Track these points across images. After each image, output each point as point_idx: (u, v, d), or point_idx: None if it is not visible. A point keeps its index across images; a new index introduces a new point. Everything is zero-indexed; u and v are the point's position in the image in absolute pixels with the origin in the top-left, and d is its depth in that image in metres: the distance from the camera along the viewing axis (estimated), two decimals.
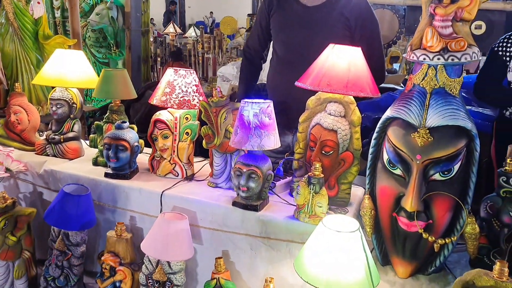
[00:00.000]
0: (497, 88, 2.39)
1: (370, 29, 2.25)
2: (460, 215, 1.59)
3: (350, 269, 1.33)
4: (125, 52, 5.49)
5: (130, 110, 4.86)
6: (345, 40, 2.12)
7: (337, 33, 2.19)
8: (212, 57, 7.81)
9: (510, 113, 2.40)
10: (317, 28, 2.21)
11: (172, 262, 1.61)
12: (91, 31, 5.26)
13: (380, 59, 2.31)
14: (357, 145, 1.80)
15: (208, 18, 14.45)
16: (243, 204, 1.74)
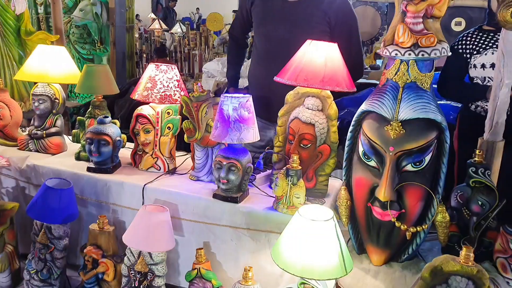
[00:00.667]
0: (460, 84, 2.47)
1: (349, 25, 2.30)
2: (431, 204, 1.65)
3: (324, 256, 1.38)
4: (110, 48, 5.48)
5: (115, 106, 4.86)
6: (324, 36, 2.17)
7: (316, 28, 2.23)
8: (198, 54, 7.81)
9: (476, 106, 2.47)
10: (297, 23, 2.25)
11: (154, 253, 1.65)
12: (75, 27, 5.24)
13: (358, 54, 2.37)
14: (334, 138, 1.86)
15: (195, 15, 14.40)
16: (224, 196, 1.78)
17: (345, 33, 2.27)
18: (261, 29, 2.40)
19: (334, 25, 2.26)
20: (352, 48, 2.30)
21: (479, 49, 2.43)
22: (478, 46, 2.42)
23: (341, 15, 2.26)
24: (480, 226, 1.70)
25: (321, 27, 2.25)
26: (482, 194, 1.68)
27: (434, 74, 1.67)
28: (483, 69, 2.41)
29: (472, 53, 2.42)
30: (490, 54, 2.40)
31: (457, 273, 1.37)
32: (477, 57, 2.42)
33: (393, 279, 1.67)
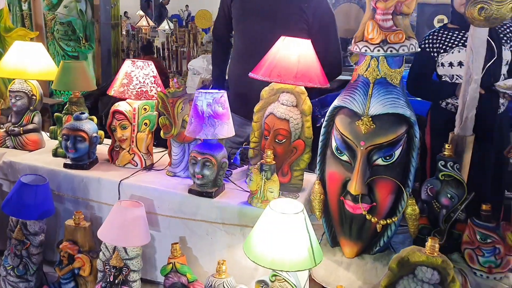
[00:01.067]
0: (429, 83, 2.50)
1: (327, 23, 2.32)
2: (401, 198, 1.69)
3: (294, 248, 1.41)
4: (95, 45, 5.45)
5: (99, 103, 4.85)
6: (303, 33, 2.19)
7: (295, 25, 2.25)
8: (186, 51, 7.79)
9: (446, 103, 2.48)
10: (275, 20, 2.27)
11: (129, 248, 1.66)
12: (59, 24, 5.20)
13: (336, 52, 2.39)
14: (308, 133, 1.88)
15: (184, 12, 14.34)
16: (199, 191, 1.80)
17: (323, 30, 2.30)
18: (240, 26, 2.42)
19: (312, 23, 2.28)
20: (330, 45, 2.33)
21: (445, 47, 2.44)
22: (444, 44, 2.44)
23: (318, 12, 2.28)
24: (449, 219, 1.74)
25: (299, 24, 2.27)
26: (451, 187, 1.73)
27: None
28: (451, 67, 2.43)
29: (439, 52, 2.44)
30: (457, 52, 2.41)
31: (423, 264, 1.41)
32: (444, 55, 2.44)
33: (364, 270, 1.71)
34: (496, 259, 1.62)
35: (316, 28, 2.28)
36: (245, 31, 2.38)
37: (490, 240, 1.62)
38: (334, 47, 2.37)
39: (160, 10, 13.06)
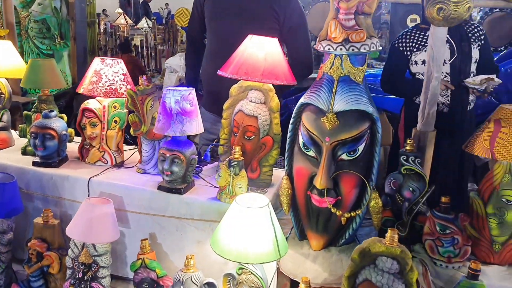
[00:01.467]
0: (403, 80, 2.60)
1: (297, 23, 2.37)
2: (365, 191, 1.74)
3: (259, 241, 1.45)
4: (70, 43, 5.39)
5: (74, 102, 4.80)
6: (274, 32, 2.23)
7: (266, 25, 2.29)
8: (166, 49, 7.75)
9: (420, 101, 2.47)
10: (247, 20, 2.30)
11: (97, 245, 1.67)
12: (34, 21, 5.13)
13: (307, 51, 2.44)
14: (276, 130, 1.92)
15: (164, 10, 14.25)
16: (168, 188, 1.82)
17: (294, 30, 2.34)
18: (212, 25, 2.44)
19: (283, 22, 2.33)
20: (301, 45, 2.38)
21: (418, 46, 2.55)
22: (417, 43, 2.55)
23: (289, 13, 2.32)
24: (411, 211, 1.80)
25: (270, 24, 2.31)
26: (412, 180, 1.79)
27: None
28: (424, 65, 2.51)
29: (412, 51, 2.54)
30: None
31: (383, 254, 1.46)
32: (417, 54, 2.54)
33: (330, 263, 1.75)
34: (455, 249, 1.68)
35: (287, 28, 2.33)
36: (217, 30, 2.40)
37: (449, 231, 1.68)
38: (305, 46, 2.42)
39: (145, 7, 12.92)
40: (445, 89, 2.54)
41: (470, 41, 2.55)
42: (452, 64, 2.53)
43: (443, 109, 2.58)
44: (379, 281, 1.44)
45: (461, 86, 2.50)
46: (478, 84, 2.46)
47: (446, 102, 2.57)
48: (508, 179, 1.64)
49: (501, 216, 1.65)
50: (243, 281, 1.52)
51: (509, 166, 1.64)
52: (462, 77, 2.51)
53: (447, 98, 2.56)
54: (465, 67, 2.53)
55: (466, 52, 2.54)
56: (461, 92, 2.52)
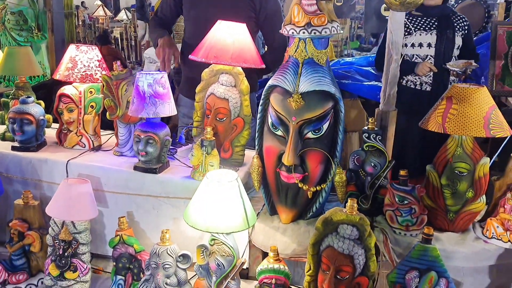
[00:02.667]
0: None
1: (272, 10, 2.47)
2: (330, 167, 1.86)
3: (229, 212, 1.55)
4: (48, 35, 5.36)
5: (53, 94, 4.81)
6: (251, 21, 2.32)
7: (242, 13, 2.37)
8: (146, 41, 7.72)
9: (406, 81, 2.91)
10: (224, 8, 2.38)
11: (77, 222, 1.75)
12: (10, 13, 5.07)
13: (282, 39, 2.55)
14: (246, 112, 2.02)
15: None
16: (144, 168, 1.91)
17: (269, 18, 2.44)
18: (191, 13, 2.52)
19: (259, 11, 2.42)
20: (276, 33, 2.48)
21: (409, 30, 2.86)
22: (408, 28, 2.84)
23: (264, 1, 2.42)
24: (374, 185, 1.93)
25: (247, 12, 2.40)
26: (374, 156, 1.91)
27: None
28: (412, 47, 2.84)
29: (404, 34, 2.75)
30: (419, 35, 2.85)
31: (344, 222, 1.57)
32: (408, 37, 2.83)
33: (299, 234, 1.87)
34: (412, 218, 1.81)
35: (263, 16, 2.43)
36: (195, 19, 2.49)
37: (407, 201, 1.81)
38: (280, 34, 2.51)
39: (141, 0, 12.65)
40: (429, 71, 2.86)
41: (454, 30, 2.93)
42: (436, 49, 2.87)
43: (426, 88, 2.94)
44: (341, 247, 1.56)
45: (443, 68, 2.86)
46: (458, 67, 2.79)
47: (428, 82, 2.93)
48: (460, 152, 1.77)
49: (454, 186, 1.79)
50: (215, 251, 1.62)
51: (460, 140, 1.77)
52: (445, 60, 2.86)
53: (429, 78, 2.90)
54: (448, 52, 2.91)
55: (450, 38, 2.91)
56: (442, 73, 2.89)
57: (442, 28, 2.91)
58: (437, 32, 2.90)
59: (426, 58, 2.93)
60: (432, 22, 2.93)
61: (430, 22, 2.93)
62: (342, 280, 1.56)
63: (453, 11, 3.15)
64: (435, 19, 2.93)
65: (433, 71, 2.88)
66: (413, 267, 1.59)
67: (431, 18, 2.94)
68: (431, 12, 2.94)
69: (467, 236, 1.84)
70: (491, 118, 1.68)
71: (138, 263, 1.81)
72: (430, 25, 2.93)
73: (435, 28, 2.91)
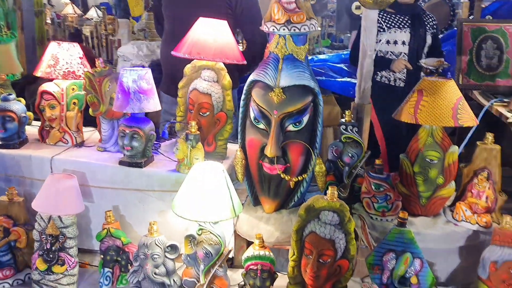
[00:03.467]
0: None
1: (249, 6, 2.53)
2: (310, 158, 1.94)
3: (216, 202, 1.61)
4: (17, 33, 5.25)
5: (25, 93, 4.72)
6: (228, 18, 2.37)
7: (219, 10, 2.43)
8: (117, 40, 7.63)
9: (381, 76, 3.03)
10: (200, 6, 2.43)
11: (64, 217, 1.77)
12: None
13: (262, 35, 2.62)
14: (229, 106, 2.08)
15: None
16: (129, 162, 1.94)
17: (247, 15, 2.50)
18: (168, 11, 2.56)
19: (235, 8, 2.48)
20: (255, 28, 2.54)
21: (384, 27, 2.97)
22: (383, 24, 2.95)
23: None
24: (351, 174, 2.03)
25: (224, 9, 2.45)
26: (351, 147, 2.01)
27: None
28: (387, 44, 2.96)
29: (378, 30, 2.86)
30: (393, 32, 2.97)
31: (325, 208, 1.65)
32: (383, 34, 2.95)
33: (281, 223, 1.95)
34: (388, 204, 1.93)
35: (239, 13, 2.49)
36: (173, 17, 2.53)
37: (383, 188, 1.92)
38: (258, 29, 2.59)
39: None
40: (404, 68, 2.98)
41: (426, 29, 3.06)
42: (410, 46, 2.99)
43: (400, 84, 3.08)
44: (323, 232, 1.64)
45: (416, 66, 3.00)
46: (433, 65, 2.93)
47: (402, 78, 3.06)
48: (431, 141, 1.89)
49: (425, 174, 1.91)
50: (203, 240, 1.68)
51: (431, 130, 1.89)
52: (418, 58, 3.00)
53: (403, 74, 3.03)
54: (420, 49, 3.04)
55: (422, 37, 3.04)
56: (415, 70, 3.02)
57: (415, 26, 3.01)
58: (410, 30, 2.99)
59: (400, 55, 3.04)
60: (406, 20, 3.02)
61: (404, 20, 3.03)
62: (325, 263, 1.64)
63: (423, 9, 3.28)
64: (408, 17, 3.03)
65: (408, 68, 2.99)
66: (389, 249, 1.69)
67: (404, 15, 3.03)
68: (404, 9, 3.03)
69: (438, 219, 1.97)
70: (458, 108, 1.80)
71: (125, 255, 1.85)
72: (403, 23, 3.02)
73: (408, 26, 3.01)
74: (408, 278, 1.66)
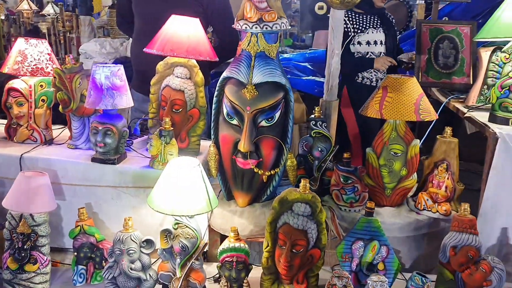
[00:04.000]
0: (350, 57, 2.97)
1: (220, 4, 2.57)
2: (282, 153, 2.01)
3: (192, 196, 1.64)
4: None
5: None
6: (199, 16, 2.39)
7: (189, 8, 2.44)
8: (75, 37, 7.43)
9: (362, 78, 3.03)
10: (172, 4, 2.44)
11: (35, 215, 1.74)
12: None
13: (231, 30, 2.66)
14: (202, 103, 2.11)
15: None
16: (102, 159, 1.93)
17: (217, 12, 2.54)
18: (138, 8, 2.56)
19: (207, 6, 2.51)
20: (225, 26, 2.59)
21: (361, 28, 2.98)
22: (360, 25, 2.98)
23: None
24: (320, 168, 2.12)
25: (194, 7, 2.47)
26: (320, 142, 2.10)
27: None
28: (368, 45, 2.99)
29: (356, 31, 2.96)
30: (371, 33, 3.00)
31: (297, 200, 1.72)
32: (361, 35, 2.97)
33: (255, 216, 2.00)
34: (356, 196, 2.02)
35: (210, 11, 2.52)
36: (143, 13, 2.53)
37: (351, 181, 2.02)
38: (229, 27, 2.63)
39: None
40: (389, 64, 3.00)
41: (394, 28, 3.16)
42: (387, 46, 3.07)
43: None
44: (296, 223, 1.71)
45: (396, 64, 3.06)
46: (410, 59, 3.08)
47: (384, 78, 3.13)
48: (395, 135, 2.01)
49: (390, 166, 2.02)
50: (179, 234, 1.70)
51: (395, 124, 2.00)
52: (391, 56, 3.06)
53: (384, 74, 3.03)
54: (393, 48, 3.12)
55: (393, 35, 3.14)
56: (395, 69, 3.10)
57: (386, 26, 3.08)
58: (383, 30, 3.06)
59: (380, 56, 3.06)
60: (376, 20, 3.08)
61: (375, 20, 3.08)
62: (298, 253, 1.71)
63: (385, 10, 3.41)
64: (377, 17, 3.09)
65: (394, 64, 3.01)
66: (358, 238, 1.78)
67: (373, 16, 3.08)
68: (372, 10, 3.10)
69: (402, 209, 2.09)
70: (420, 104, 1.92)
71: (100, 252, 1.84)
72: (375, 23, 3.07)
73: (380, 26, 3.08)
74: (376, 265, 1.76)
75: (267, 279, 1.80)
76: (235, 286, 1.75)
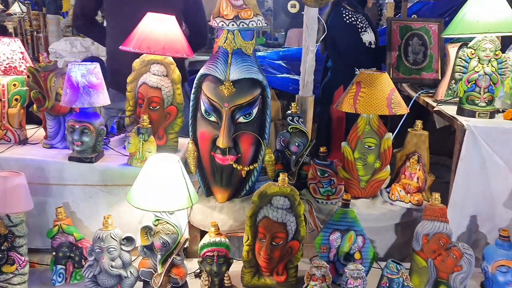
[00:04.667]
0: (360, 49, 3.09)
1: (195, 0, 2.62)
2: (260, 148, 2.04)
3: (173, 192, 1.65)
4: None
5: None
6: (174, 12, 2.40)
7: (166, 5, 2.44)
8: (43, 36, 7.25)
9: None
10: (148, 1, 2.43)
11: (12, 215, 1.72)
12: None
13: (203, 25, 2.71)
14: (179, 100, 2.12)
15: None
16: (79, 158, 1.92)
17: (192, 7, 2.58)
18: (114, 7, 2.53)
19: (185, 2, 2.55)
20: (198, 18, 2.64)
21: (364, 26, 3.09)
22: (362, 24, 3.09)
23: None
24: (298, 163, 2.16)
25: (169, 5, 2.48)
26: (297, 137, 2.14)
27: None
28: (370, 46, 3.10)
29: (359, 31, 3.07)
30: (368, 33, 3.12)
31: (277, 194, 1.75)
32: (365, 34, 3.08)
33: (234, 211, 2.03)
34: (332, 189, 2.08)
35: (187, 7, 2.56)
36: (120, 12, 2.50)
37: (327, 174, 2.07)
38: (201, 20, 2.68)
39: None
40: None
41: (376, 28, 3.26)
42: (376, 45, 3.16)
43: None
44: (275, 216, 1.74)
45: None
46: None
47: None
48: (369, 129, 2.07)
49: (364, 159, 2.08)
50: (160, 231, 1.71)
51: (368, 118, 2.06)
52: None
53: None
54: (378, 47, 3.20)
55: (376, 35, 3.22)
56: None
57: (371, 25, 3.17)
58: (372, 29, 3.14)
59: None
60: (364, 19, 3.14)
61: (363, 20, 3.13)
62: (277, 245, 1.75)
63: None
64: (365, 17, 3.15)
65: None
66: (335, 229, 1.84)
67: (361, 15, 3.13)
68: (358, 9, 3.15)
69: (376, 200, 2.15)
70: (392, 99, 1.99)
71: (79, 251, 1.83)
72: (365, 22, 3.14)
73: (368, 26, 3.16)
74: (352, 254, 1.82)
75: (248, 272, 1.83)
76: (216, 280, 1.77)
